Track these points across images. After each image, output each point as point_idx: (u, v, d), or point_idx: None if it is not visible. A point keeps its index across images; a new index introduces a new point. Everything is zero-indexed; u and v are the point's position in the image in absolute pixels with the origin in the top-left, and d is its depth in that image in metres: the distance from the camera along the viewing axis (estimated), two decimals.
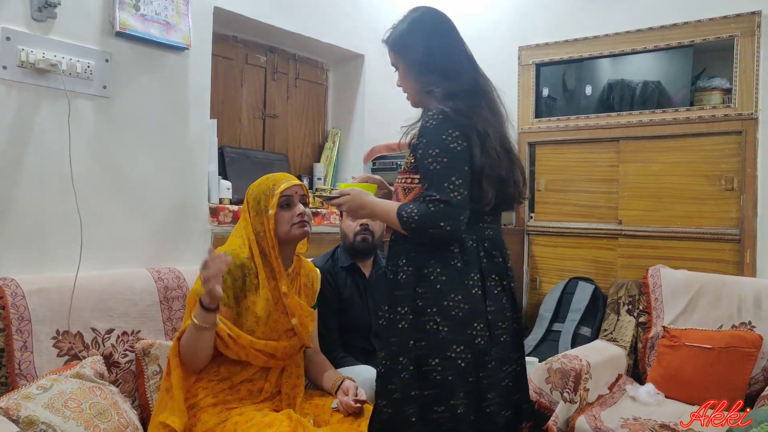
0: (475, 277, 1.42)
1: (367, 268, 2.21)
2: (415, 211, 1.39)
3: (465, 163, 1.39)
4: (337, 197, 1.51)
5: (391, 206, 1.45)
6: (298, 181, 1.74)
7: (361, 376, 1.86)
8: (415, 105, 1.58)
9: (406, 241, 1.46)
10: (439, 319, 1.39)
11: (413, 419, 1.40)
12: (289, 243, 1.72)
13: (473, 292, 1.41)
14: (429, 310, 1.40)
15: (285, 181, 1.71)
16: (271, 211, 1.66)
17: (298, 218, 1.69)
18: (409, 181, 1.49)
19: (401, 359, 1.41)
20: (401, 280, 1.44)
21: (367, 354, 2.11)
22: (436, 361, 1.39)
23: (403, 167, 1.53)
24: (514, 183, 1.50)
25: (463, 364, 1.39)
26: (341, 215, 2.35)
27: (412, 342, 1.40)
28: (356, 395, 1.68)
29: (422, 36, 1.51)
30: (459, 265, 1.42)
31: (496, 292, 1.46)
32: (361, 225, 2.14)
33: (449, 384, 1.39)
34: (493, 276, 1.46)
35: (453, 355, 1.38)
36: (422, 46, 1.51)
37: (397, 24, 1.57)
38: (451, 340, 1.39)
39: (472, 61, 1.55)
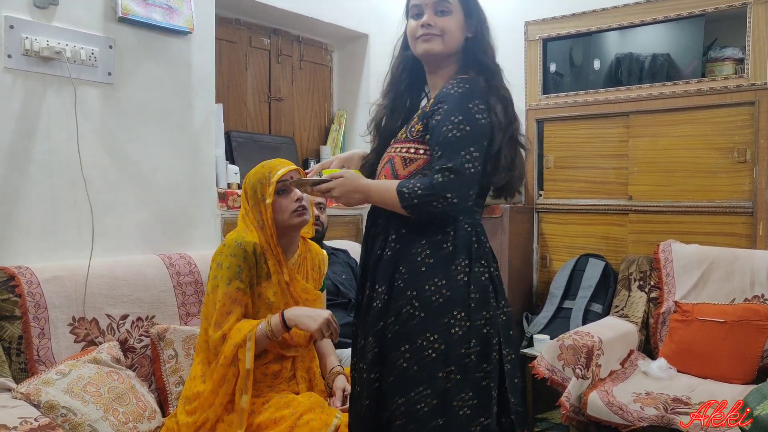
0: (463, 263, 1.32)
1: None
2: (418, 185, 1.27)
3: (485, 138, 1.31)
4: (328, 180, 1.36)
5: (388, 185, 1.32)
6: (293, 166, 1.70)
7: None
8: (437, 52, 1.40)
9: (396, 218, 1.35)
10: (416, 304, 1.29)
11: (367, 402, 1.33)
12: (289, 231, 1.70)
13: (458, 278, 1.31)
14: (408, 293, 1.30)
15: (281, 167, 1.67)
16: (268, 200, 1.63)
17: (296, 204, 1.66)
18: (412, 150, 1.37)
19: (370, 339, 1.34)
20: (385, 256, 1.35)
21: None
22: (406, 347, 1.29)
23: (403, 135, 1.41)
24: (519, 174, 1.42)
25: (433, 356, 1.28)
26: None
27: (382, 323, 1.32)
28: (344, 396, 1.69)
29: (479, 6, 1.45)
30: (450, 248, 1.32)
31: (483, 278, 1.34)
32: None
33: (413, 375, 1.28)
34: (482, 261, 1.35)
35: (424, 344, 1.28)
36: (482, 14, 1.44)
37: None
38: (423, 328, 1.29)
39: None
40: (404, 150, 1.38)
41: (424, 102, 1.50)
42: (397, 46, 1.53)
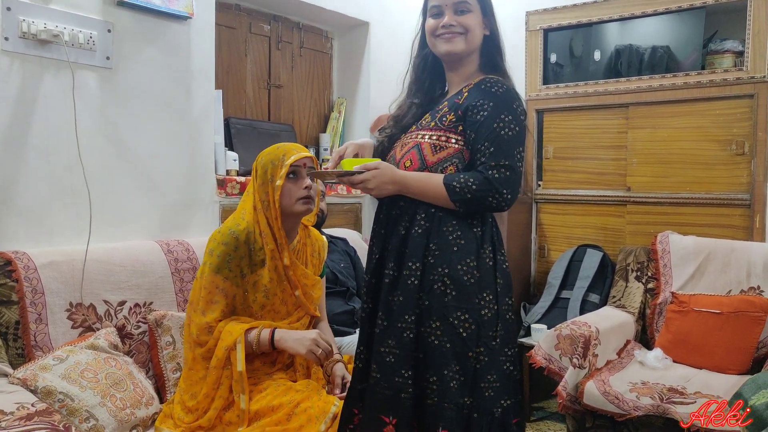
0: (488, 249, 1.37)
1: None
2: (471, 179, 1.30)
3: (524, 140, 1.37)
4: (361, 172, 1.32)
5: (431, 178, 1.33)
6: (308, 153, 1.69)
7: (353, 345, 1.91)
8: (459, 52, 1.42)
9: (425, 201, 1.36)
10: (448, 281, 1.31)
11: (410, 381, 1.32)
12: (292, 217, 1.69)
13: (486, 261, 1.35)
14: (439, 269, 1.31)
15: (296, 152, 1.66)
16: (278, 182, 1.62)
17: (304, 192, 1.65)
18: (443, 139, 1.37)
19: (406, 317, 1.32)
20: (414, 234, 1.35)
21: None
22: (437, 324, 1.30)
23: (432, 123, 1.40)
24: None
25: (465, 334, 1.30)
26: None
27: (417, 299, 1.33)
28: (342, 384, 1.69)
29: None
30: (479, 232, 1.36)
31: (504, 267, 1.40)
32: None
33: (445, 352, 1.30)
34: (502, 251, 1.41)
35: (456, 322, 1.30)
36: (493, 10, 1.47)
37: None
38: (455, 306, 1.31)
39: None
40: (434, 137, 1.38)
41: (449, 92, 1.50)
42: (415, 44, 1.53)
